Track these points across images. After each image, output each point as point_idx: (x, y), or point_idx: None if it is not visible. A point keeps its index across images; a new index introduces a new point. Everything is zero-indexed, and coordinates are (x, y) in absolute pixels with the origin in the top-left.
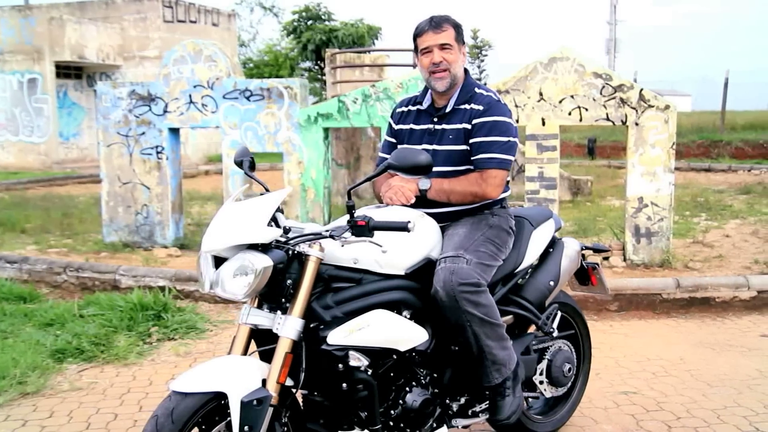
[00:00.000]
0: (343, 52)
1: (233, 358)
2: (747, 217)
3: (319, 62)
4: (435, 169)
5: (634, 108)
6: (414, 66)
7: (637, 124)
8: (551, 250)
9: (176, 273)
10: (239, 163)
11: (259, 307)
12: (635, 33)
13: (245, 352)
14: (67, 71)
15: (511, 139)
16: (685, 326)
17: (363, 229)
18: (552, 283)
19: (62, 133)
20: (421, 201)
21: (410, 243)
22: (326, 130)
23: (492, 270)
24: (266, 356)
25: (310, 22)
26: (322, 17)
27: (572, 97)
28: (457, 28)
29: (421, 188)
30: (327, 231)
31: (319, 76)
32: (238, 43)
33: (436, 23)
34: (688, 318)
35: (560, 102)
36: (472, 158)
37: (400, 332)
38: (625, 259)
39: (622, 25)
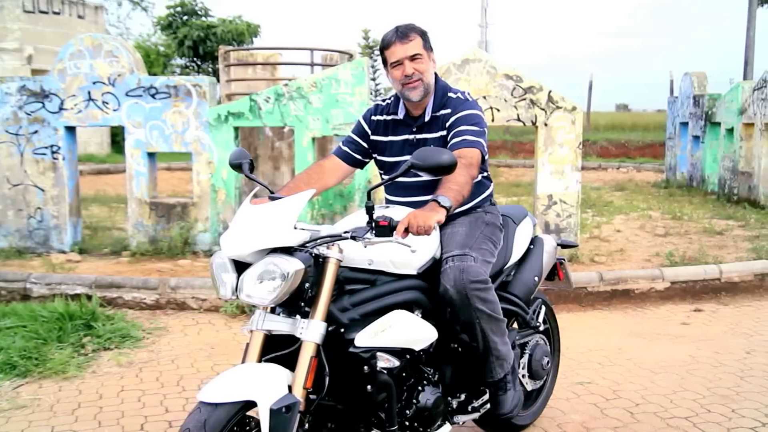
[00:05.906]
0: (237, 49)
1: (255, 366)
2: (629, 212)
3: (195, 59)
4: (423, 178)
5: (543, 109)
6: (311, 67)
7: (546, 124)
8: (531, 246)
9: (96, 279)
10: (237, 166)
11: (272, 312)
12: (506, 35)
13: (260, 360)
14: None
15: (481, 129)
16: (611, 317)
17: (386, 229)
18: (537, 278)
19: None
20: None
21: (422, 242)
22: (237, 129)
23: (491, 266)
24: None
25: (185, 18)
26: (199, 13)
27: (485, 98)
28: (424, 35)
29: (445, 206)
30: (346, 232)
31: (197, 74)
32: None
33: (402, 33)
34: (612, 309)
35: None
36: (448, 147)
37: (418, 332)
38: None
39: (493, 27)
